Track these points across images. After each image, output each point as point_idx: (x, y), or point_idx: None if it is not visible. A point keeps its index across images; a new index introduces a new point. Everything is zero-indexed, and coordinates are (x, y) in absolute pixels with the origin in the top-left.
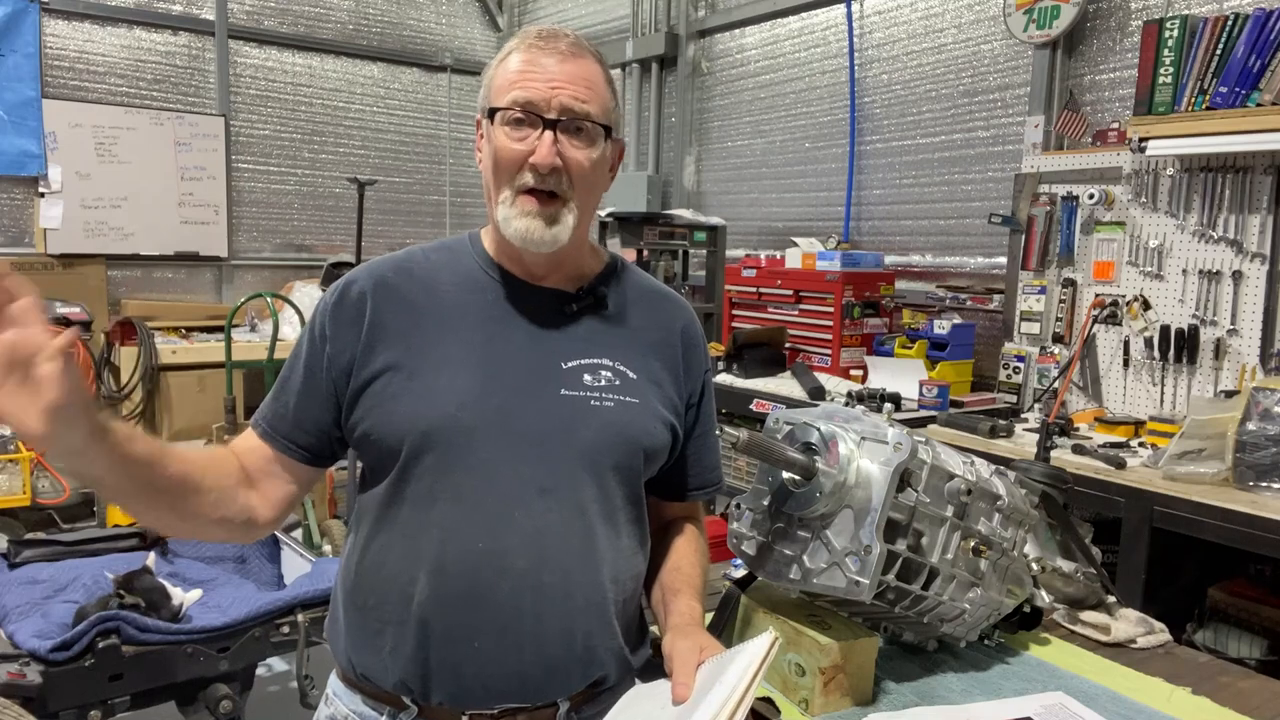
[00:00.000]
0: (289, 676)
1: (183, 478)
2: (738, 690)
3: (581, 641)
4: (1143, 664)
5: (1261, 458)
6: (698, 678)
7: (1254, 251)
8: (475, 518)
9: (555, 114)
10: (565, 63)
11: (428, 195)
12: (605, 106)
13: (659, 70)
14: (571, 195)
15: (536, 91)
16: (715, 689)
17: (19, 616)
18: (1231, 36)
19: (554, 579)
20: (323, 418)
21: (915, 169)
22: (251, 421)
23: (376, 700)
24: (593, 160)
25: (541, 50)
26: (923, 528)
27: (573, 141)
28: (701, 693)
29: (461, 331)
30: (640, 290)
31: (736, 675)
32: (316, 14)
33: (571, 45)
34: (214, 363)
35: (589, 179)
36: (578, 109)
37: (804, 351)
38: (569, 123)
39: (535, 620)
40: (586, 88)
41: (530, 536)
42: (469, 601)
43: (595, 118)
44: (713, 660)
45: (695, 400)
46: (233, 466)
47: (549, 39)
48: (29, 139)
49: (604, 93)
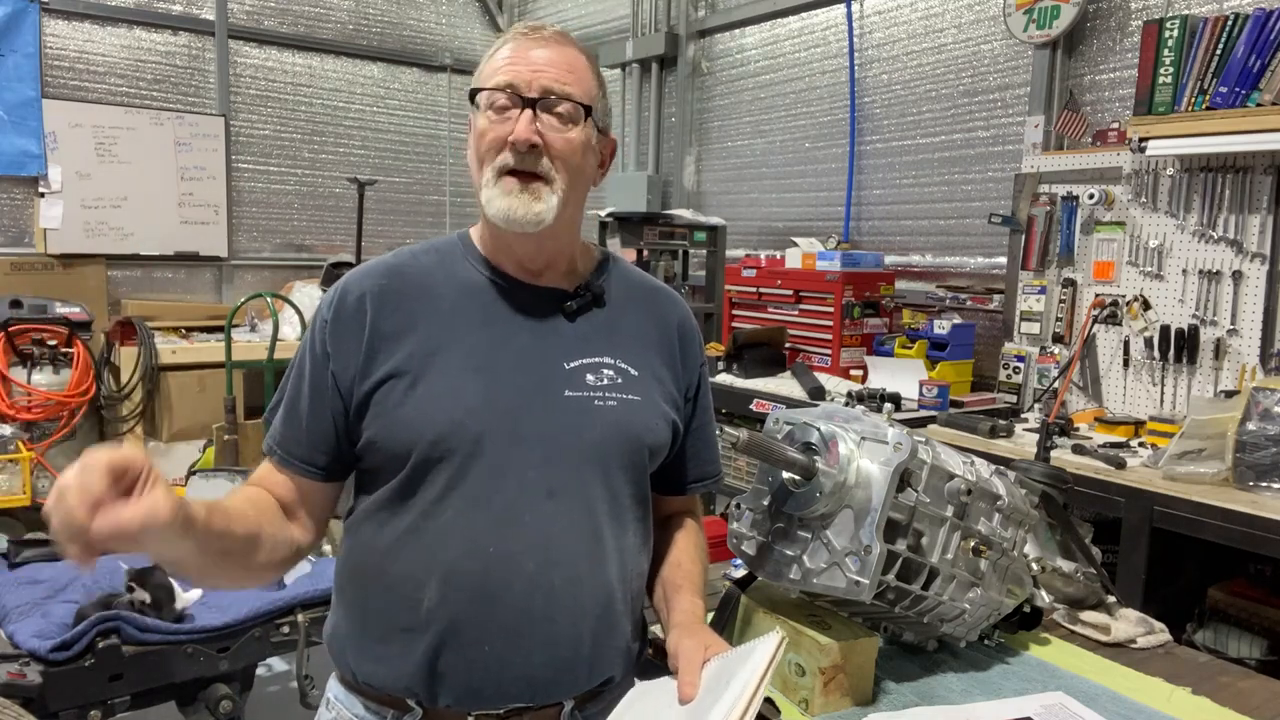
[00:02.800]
0: (289, 676)
1: (247, 537)
2: (746, 692)
3: (590, 641)
4: (1143, 664)
5: (1261, 458)
6: (703, 676)
7: (1254, 251)
8: (485, 522)
9: (536, 93)
10: (548, 48)
11: (428, 195)
12: (588, 89)
13: (659, 70)
14: (554, 175)
15: (518, 74)
16: (725, 693)
17: (19, 616)
18: (1231, 36)
19: (564, 580)
20: (337, 434)
21: (915, 169)
22: (265, 449)
23: (379, 704)
24: (574, 140)
25: (526, 38)
26: (923, 528)
27: (554, 121)
28: (708, 692)
29: (462, 335)
30: (635, 286)
31: (745, 677)
32: (316, 14)
33: (556, 34)
34: (214, 363)
35: (571, 159)
36: (558, 89)
37: (804, 351)
38: (549, 102)
39: (546, 622)
40: (568, 70)
41: (539, 539)
42: (480, 605)
43: (576, 97)
44: (718, 659)
45: (693, 393)
46: (273, 505)
47: (534, 29)
48: (29, 139)
49: (587, 78)
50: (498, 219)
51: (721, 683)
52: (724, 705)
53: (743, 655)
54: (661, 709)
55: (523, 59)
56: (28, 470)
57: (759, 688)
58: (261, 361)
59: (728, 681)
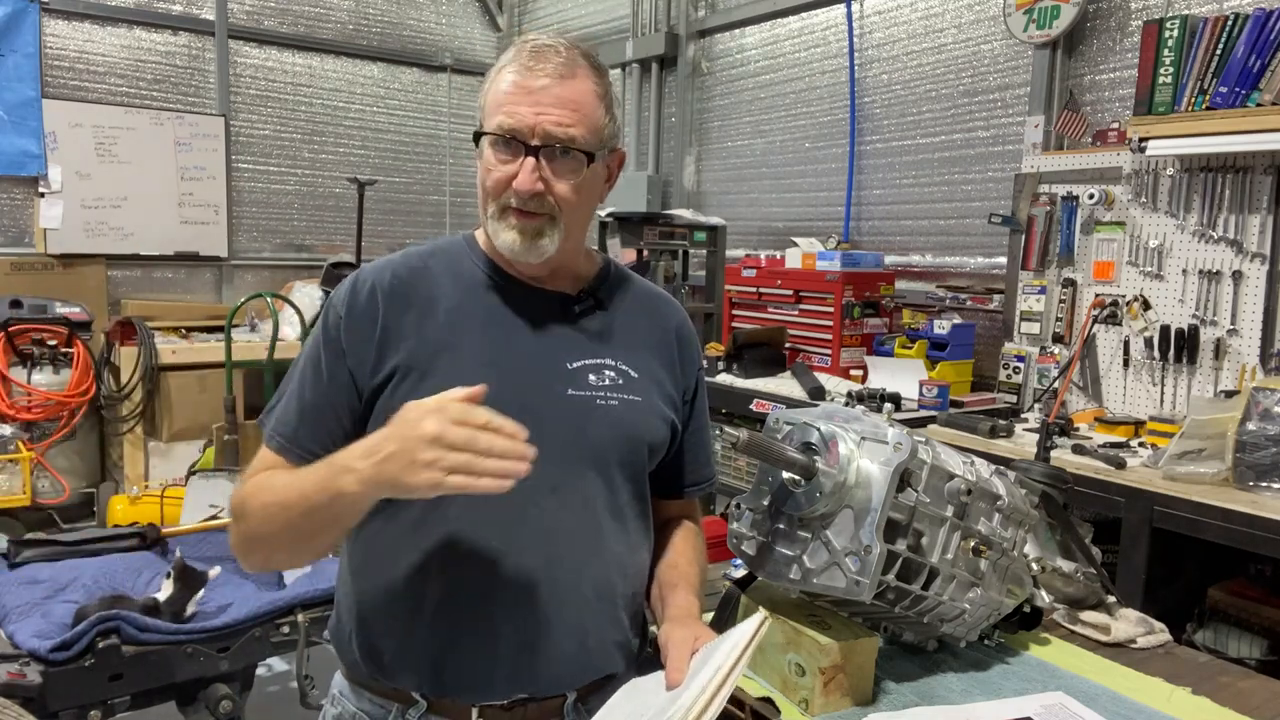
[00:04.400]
0: (289, 676)
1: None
2: (723, 669)
3: (593, 635)
4: (1143, 664)
5: (1261, 458)
6: (691, 664)
7: (1254, 251)
8: (488, 518)
9: (538, 140)
10: (554, 85)
11: (428, 195)
12: (594, 127)
13: (659, 70)
14: (557, 214)
15: (521, 119)
16: (703, 670)
17: (19, 616)
18: (1231, 36)
19: (566, 575)
20: (344, 428)
21: (915, 169)
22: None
23: (384, 698)
24: (576, 185)
25: (531, 72)
26: (923, 528)
27: (556, 167)
28: (693, 677)
29: (468, 333)
30: (635, 291)
31: (723, 655)
32: (316, 14)
33: (562, 66)
34: (214, 363)
35: (572, 201)
36: (560, 135)
37: (804, 351)
38: (552, 151)
39: (548, 616)
40: (573, 110)
41: (542, 534)
42: (483, 599)
43: (579, 142)
44: (706, 647)
45: (690, 397)
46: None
47: (540, 58)
48: (29, 139)
49: (593, 113)
50: (503, 250)
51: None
52: (700, 680)
53: (725, 639)
54: (650, 698)
55: (526, 98)
56: (28, 470)
57: (735, 665)
58: (261, 361)
59: (707, 663)
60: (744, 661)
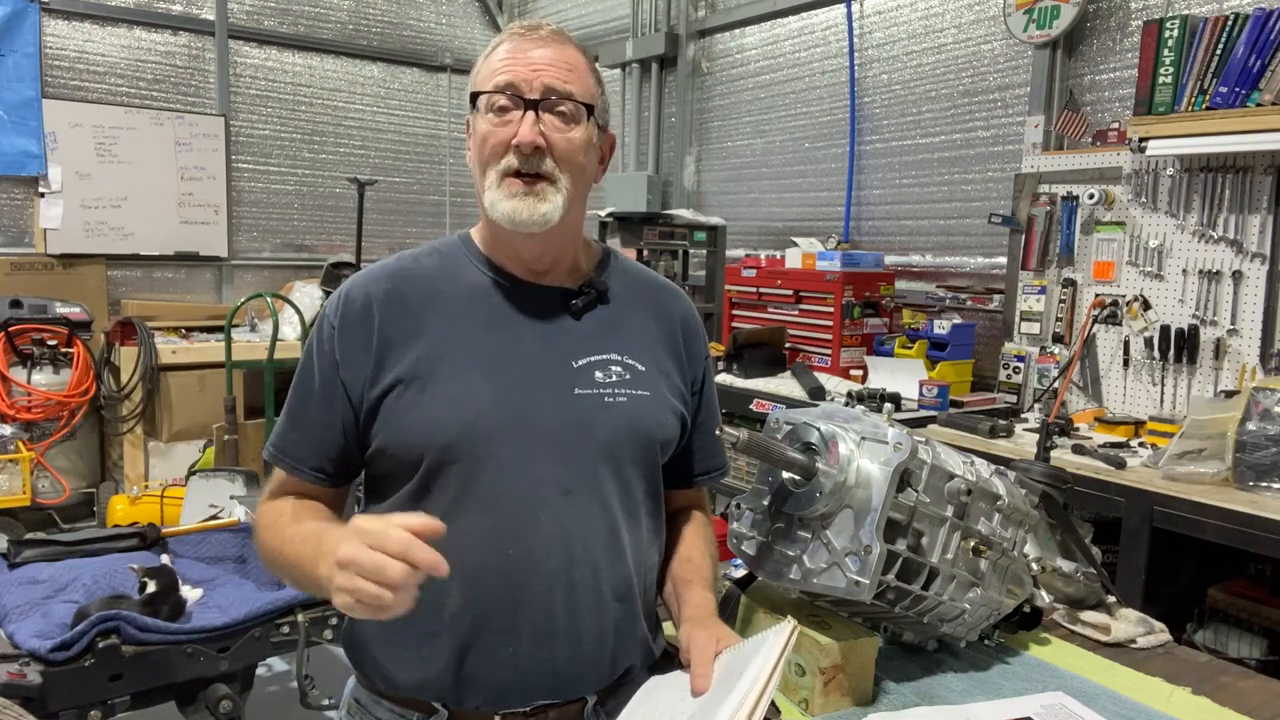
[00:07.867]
0: (289, 676)
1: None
2: (759, 683)
3: (613, 635)
4: (1143, 664)
5: (1261, 458)
6: (715, 668)
7: (1254, 251)
8: (502, 523)
9: (537, 94)
10: (546, 47)
11: (428, 195)
12: (588, 87)
13: (659, 70)
14: (559, 175)
15: (518, 74)
16: (738, 684)
17: (19, 616)
18: (1231, 36)
19: (584, 576)
20: (346, 442)
21: (915, 169)
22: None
23: (404, 706)
24: (577, 139)
25: (523, 38)
26: (923, 528)
27: (556, 122)
28: (720, 684)
29: (469, 337)
30: (637, 281)
31: (757, 668)
32: (316, 14)
33: (553, 33)
34: (214, 363)
35: (575, 159)
36: (559, 87)
37: (804, 351)
38: (551, 102)
39: (568, 618)
40: (568, 69)
41: (557, 537)
42: (503, 606)
43: (577, 96)
44: (729, 651)
45: (698, 386)
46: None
47: (531, 28)
48: (29, 139)
49: (586, 76)
50: (503, 221)
51: (734, 674)
52: (736, 696)
53: (755, 646)
54: (674, 703)
55: (522, 58)
56: (28, 470)
57: (771, 678)
58: (261, 361)
59: (740, 673)
60: (778, 675)
